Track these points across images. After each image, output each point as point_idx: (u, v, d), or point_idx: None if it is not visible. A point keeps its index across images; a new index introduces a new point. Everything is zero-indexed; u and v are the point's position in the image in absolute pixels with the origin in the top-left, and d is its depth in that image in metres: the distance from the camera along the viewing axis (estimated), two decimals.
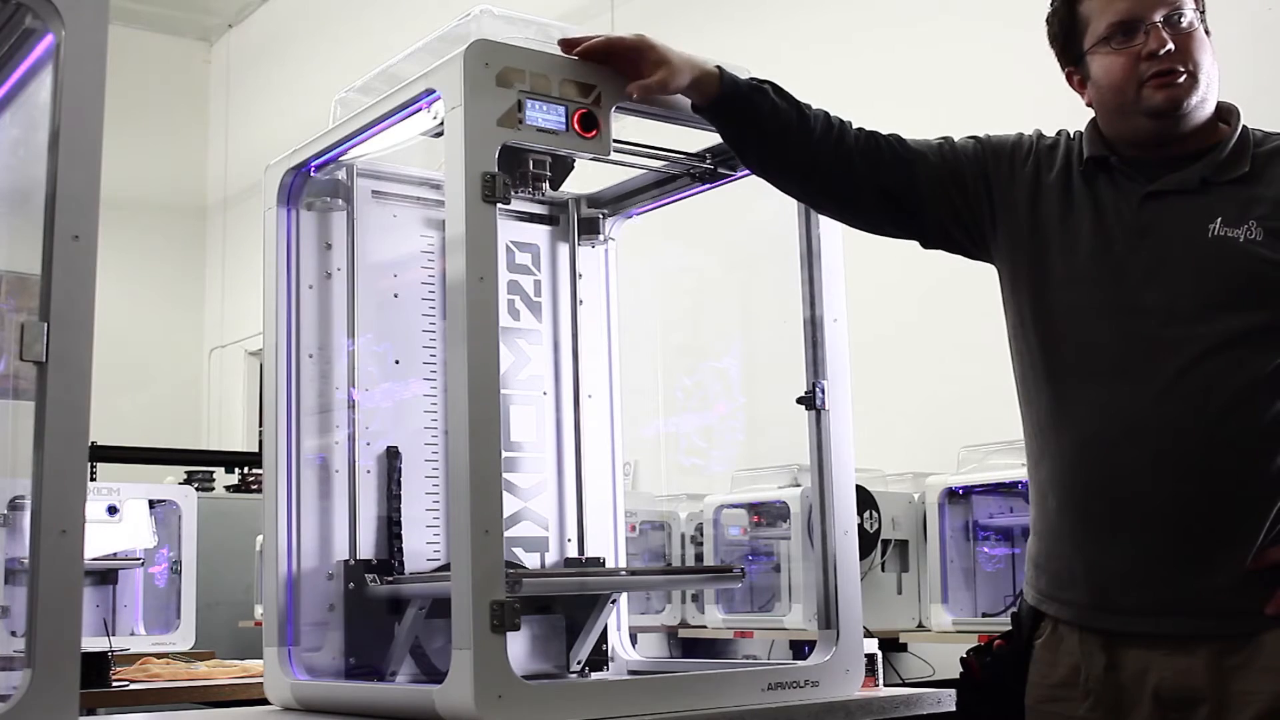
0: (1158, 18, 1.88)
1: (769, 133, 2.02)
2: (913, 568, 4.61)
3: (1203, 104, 1.90)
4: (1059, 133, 2.06)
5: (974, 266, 2.28)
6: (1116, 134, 1.96)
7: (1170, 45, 1.87)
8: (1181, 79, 1.88)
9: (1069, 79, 2.02)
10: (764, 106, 2.01)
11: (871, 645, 2.24)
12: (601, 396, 2.61)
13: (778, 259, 2.32)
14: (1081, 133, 2.03)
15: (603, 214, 2.63)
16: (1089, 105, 2.00)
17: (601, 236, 2.64)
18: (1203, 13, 1.93)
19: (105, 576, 5.70)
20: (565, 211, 2.63)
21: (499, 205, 1.87)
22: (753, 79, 2.04)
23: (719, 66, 2.03)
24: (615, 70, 2.03)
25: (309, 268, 2.34)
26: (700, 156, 2.38)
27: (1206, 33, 1.92)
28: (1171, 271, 1.86)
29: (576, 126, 1.98)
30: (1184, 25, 1.89)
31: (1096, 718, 1.90)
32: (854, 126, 2.05)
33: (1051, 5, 2.01)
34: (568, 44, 2.06)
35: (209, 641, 5.92)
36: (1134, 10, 1.89)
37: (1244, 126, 1.93)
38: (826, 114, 2.04)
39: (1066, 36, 1.99)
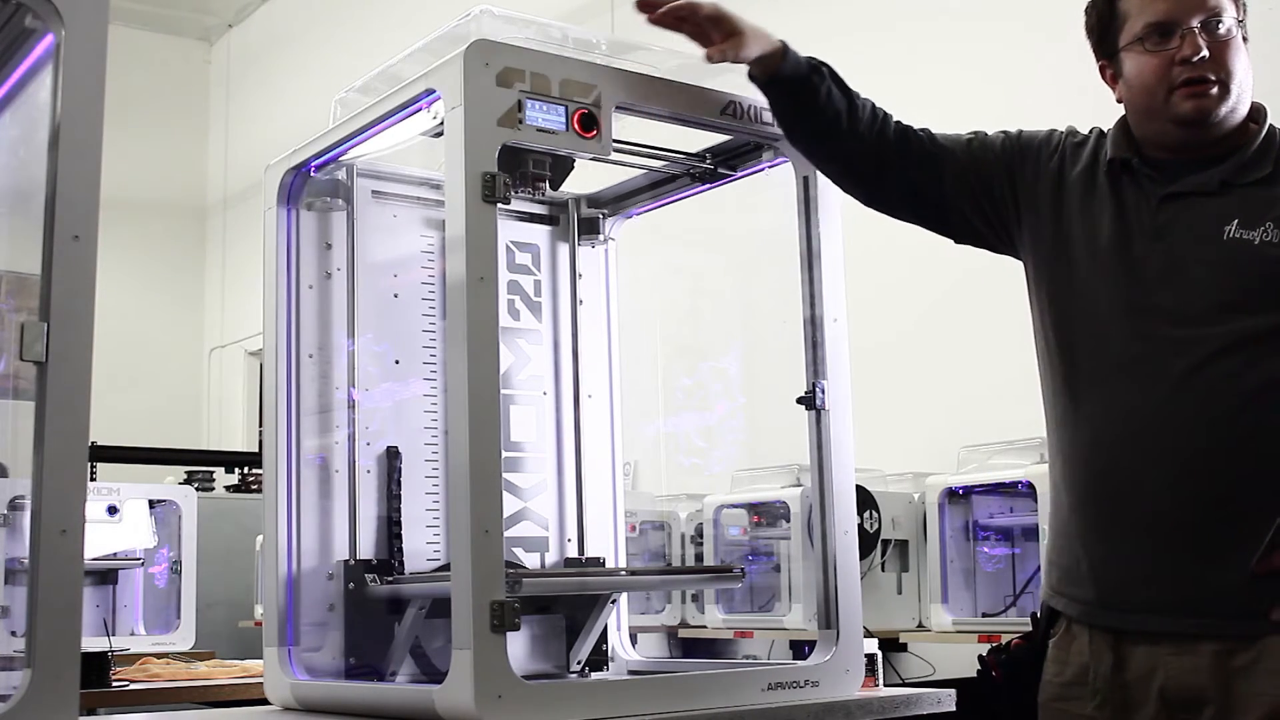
0: (1195, 23, 1.87)
1: (818, 117, 2.04)
2: (913, 568, 4.61)
3: (1232, 114, 1.89)
4: (1092, 130, 2.05)
5: (975, 270, 2.29)
6: (1144, 135, 1.96)
7: (1205, 52, 1.86)
8: (1213, 90, 1.87)
9: (1101, 72, 2.01)
10: (820, 90, 2.03)
11: (871, 645, 2.24)
12: (601, 396, 2.61)
13: (778, 259, 2.32)
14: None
15: (603, 214, 2.63)
16: (1119, 101, 2.00)
17: (601, 236, 2.64)
18: (1241, 20, 1.91)
19: (105, 576, 5.70)
20: (565, 211, 2.62)
21: (499, 205, 1.87)
22: (811, 59, 2.05)
23: (784, 42, 2.03)
24: (687, 36, 2.03)
25: (309, 268, 2.34)
26: (700, 156, 2.38)
27: (1244, 39, 1.91)
28: (1186, 273, 1.86)
29: (576, 126, 1.98)
30: (1221, 32, 1.87)
31: (1104, 717, 1.90)
32: (894, 120, 2.06)
33: None
34: (644, 4, 2.03)
35: (209, 641, 5.92)
36: (1172, 12, 1.88)
37: (1271, 126, 1.91)
38: (873, 105, 2.06)
39: (1103, 30, 1.97)
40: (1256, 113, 1.93)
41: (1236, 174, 1.88)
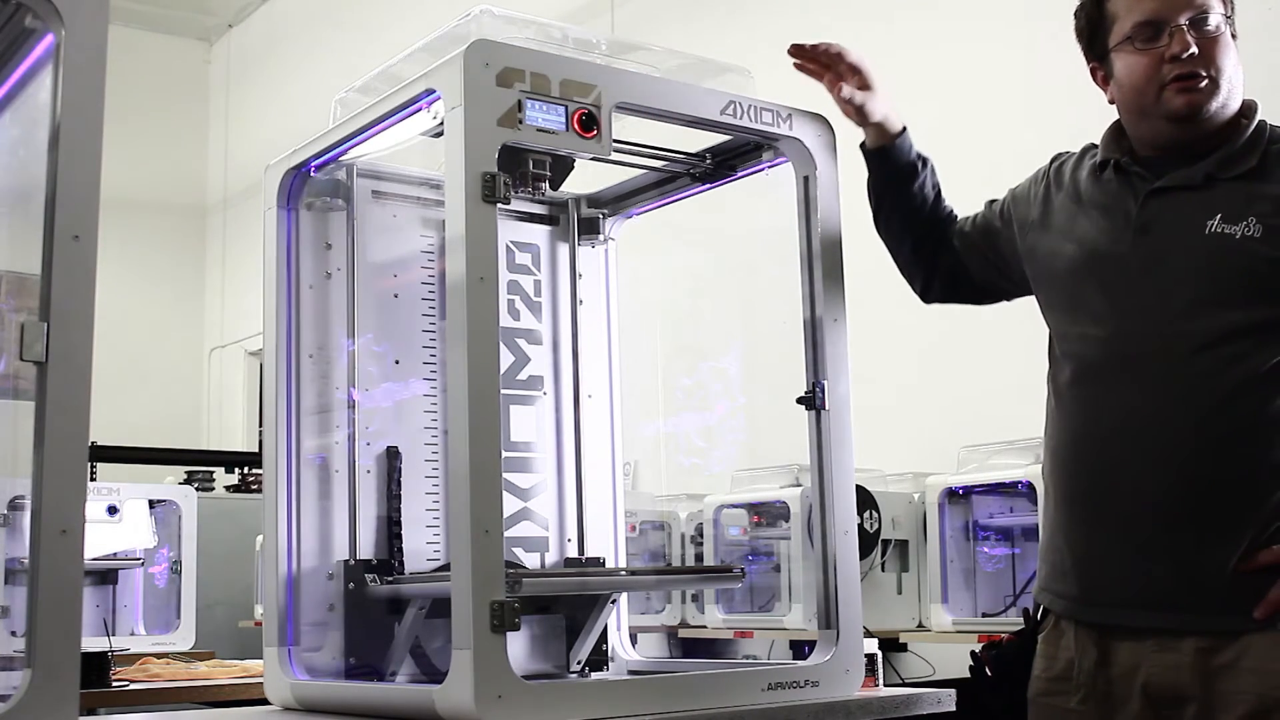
0: (1183, 20, 1.88)
1: (909, 199, 2.23)
2: (913, 568, 4.61)
3: (1223, 109, 1.90)
4: (1083, 146, 2.11)
5: None
6: (1137, 134, 1.97)
7: (1193, 49, 1.87)
8: (1203, 85, 1.88)
9: (1093, 75, 2.03)
10: (920, 175, 2.22)
11: (871, 645, 2.24)
12: (601, 396, 2.61)
13: (778, 259, 2.32)
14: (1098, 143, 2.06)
15: (603, 214, 2.63)
16: (1111, 103, 2.01)
17: (601, 236, 2.64)
18: (1229, 16, 1.93)
19: (105, 576, 5.70)
20: (565, 211, 2.62)
21: (499, 205, 1.87)
22: (919, 151, 2.24)
23: (905, 125, 2.23)
24: (825, 80, 2.20)
25: (309, 268, 2.34)
26: (700, 156, 2.38)
27: (1233, 36, 1.92)
28: (1168, 267, 1.87)
29: (576, 126, 1.98)
30: (1209, 29, 1.89)
31: (1088, 710, 1.92)
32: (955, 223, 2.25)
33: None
34: (797, 48, 2.23)
35: (209, 641, 5.92)
36: (1160, 11, 1.90)
37: (1260, 121, 1.93)
38: (951, 210, 2.26)
39: (1093, 32, 2.00)
40: (1247, 109, 1.94)
41: (1222, 167, 1.89)
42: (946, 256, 2.23)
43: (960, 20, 5.32)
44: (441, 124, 1.94)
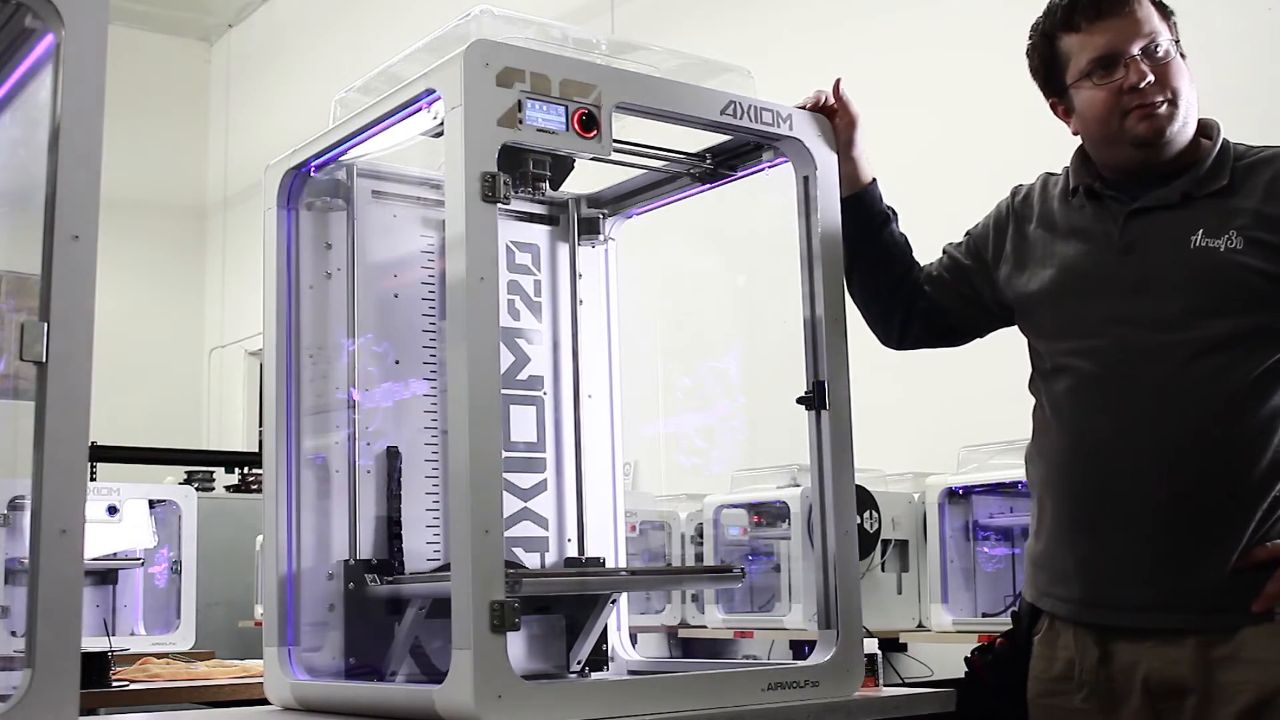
0: (1136, 50, 1.95)
1: (882, 243, 2.30)
2: (913, 568, 4.61)
3: (1184, 128, 1.98)
4: (1038, 176, 2.18)
5: None
6: (1103, 161, 2.04)
7: (1150, 77, 1.95)
8: (1162, 109, 1.96)
9: (1053, 109, 2.12)
10: (892, 223, 2.30)
11: (871, 645, 2.24)
12: (601, 396, 2.61)
13: (778, 259, 2.32)
14: (1060, 172, 2.13)
15: (603, 214, 2.63)
16: (1075, 134, 2.07)
17: (601, 236, 2.64)
18: (1177, 41, 2.00)
19: (105, 576, 5.70)
20: (565, 211, 2.62)
21: (499, 205, 1.87)
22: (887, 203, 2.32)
23: (875, 178, 2.30)
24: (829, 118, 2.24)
25: (309, 268, 2.33)
26: (700, 156, 2.38)
27: (1182, 56, 1.99)
28: (1158, 282, 1.94)
29: (576, 126, 1.98)
30: (1160, 55, 1.97)
31: (1091, 708, 1.96)
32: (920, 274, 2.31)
33: (1030, 40, 2.10)
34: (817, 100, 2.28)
35: (209, 641, 5.92)
36: (1113, 44, 1.96)
37: (1224, 140, 2.00)
38: (917, 261, 2.32)
39: (1048, 71, 2.08)
40: (1208, 129, 2.02)
41: (1196, 186, 1.96)
42: (922, 301, 2.29)
43: (962, 21, 5.32)
44: (441, 124, 1.94)
